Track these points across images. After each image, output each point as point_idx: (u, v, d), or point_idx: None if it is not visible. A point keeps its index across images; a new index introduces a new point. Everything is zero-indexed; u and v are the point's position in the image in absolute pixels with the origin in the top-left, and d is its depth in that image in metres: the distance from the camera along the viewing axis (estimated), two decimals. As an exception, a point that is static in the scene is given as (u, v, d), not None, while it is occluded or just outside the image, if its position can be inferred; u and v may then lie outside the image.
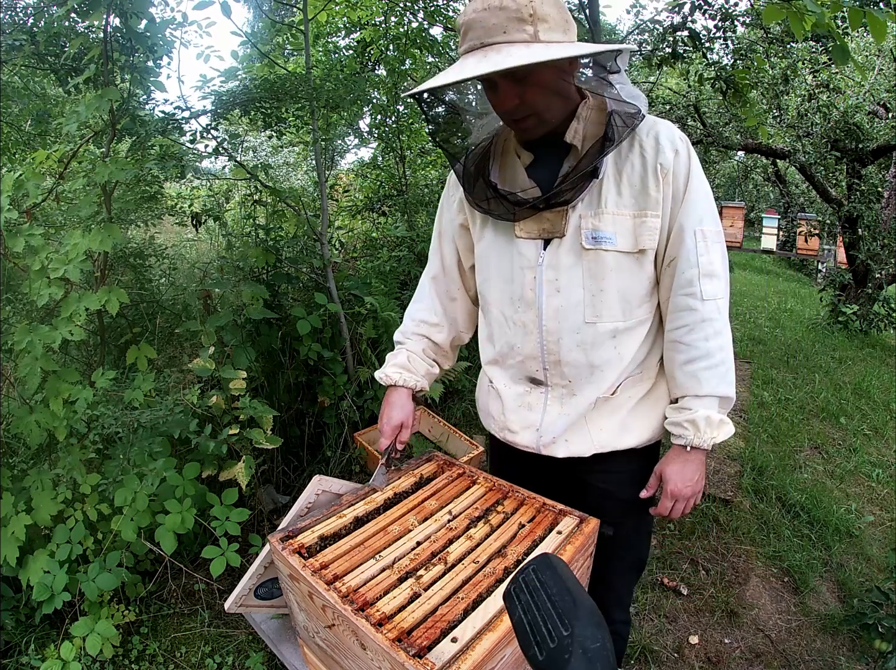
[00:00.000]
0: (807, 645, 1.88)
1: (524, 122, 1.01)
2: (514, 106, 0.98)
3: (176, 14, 1.93)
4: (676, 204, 1.04)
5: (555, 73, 0.97)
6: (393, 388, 1.27)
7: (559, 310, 1.09)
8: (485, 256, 1.18)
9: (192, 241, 3.57)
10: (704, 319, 1.05)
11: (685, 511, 1.13)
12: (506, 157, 1.13)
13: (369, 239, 3.78)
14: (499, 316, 1.18)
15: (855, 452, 3.12)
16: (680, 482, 1.09)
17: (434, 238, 1.31)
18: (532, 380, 1.18)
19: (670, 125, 1.05)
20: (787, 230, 10.00)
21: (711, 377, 1.06)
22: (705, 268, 1.04)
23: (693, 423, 1.07)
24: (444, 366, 1.37)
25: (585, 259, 1.05)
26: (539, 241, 1.08)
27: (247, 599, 1.23)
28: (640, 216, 1.04)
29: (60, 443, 1.66)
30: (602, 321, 1.08)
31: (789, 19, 1.67)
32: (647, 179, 1.02)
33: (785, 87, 4.69)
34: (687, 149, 1.04)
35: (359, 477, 2.51)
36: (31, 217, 1.77)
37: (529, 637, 0.49)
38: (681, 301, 1.06)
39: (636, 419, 1.15)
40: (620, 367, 1.11)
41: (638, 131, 1.03)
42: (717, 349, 1.06)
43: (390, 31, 3.50)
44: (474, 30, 0.93)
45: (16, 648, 1.69)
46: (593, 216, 1.04)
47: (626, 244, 1.04)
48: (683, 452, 1.09)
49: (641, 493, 1.16)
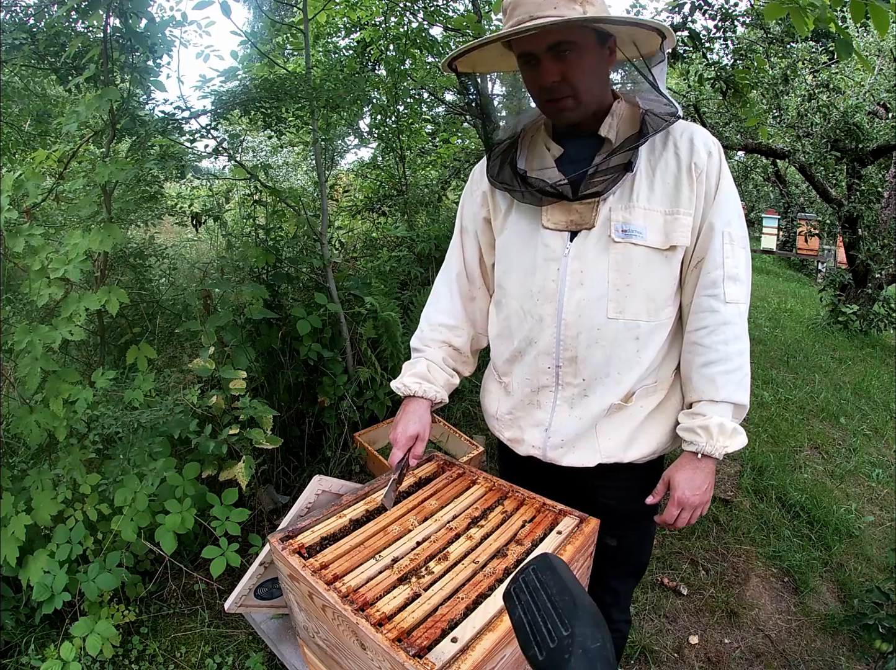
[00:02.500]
0: (807, 645, 1.88)
1: (562, 103, 1.00)
2: (554, 83, 0.97)
3: (175, 13, 1.93)
4: (708, 204, 1.03)
5: (597, 56, 0.98)
6: (411, 399, 1.21)
7: (580, 303, 1.06)
8: (507, 247, 1.16)
9: (192, 241, 3.57)
10: (726, 322, 1.04)
11: (691, 520, 1.09)
12: (533, 150, 1.12)
13: (369, 239, 3.78)
14: (518, 309, 1.14)
15: (855, 452, 3.12)
16: (688, 490, 1.06)
17: (455, 235, 1.28)
18: (542, 378, 1.14)
19: (703, 129, 1.06)
20: (787, 230, 9.99)
21: (728, 382, 1.04)
22: (730, 270, 1.03)
23: (706, 430, 1.04)
24: (465, 374, 1.32)
25: (613, 252, 1.03)
26: (566, 233, 1.07)
27: (247, 599, 1.23)
28: (671, 214, 1.03)
29: (60, 443, 1.66)
30: (625, 317, 1.05)
31: (791, 16, 1.66)
32: (681, 178, 1.02)
33: (785, 87, 4.68)
34: (719, 152, 1.04)
35: (359, 477, 2.51)
36: (31, 217, 1.77)
37: (529, 637, 0.49)
38: (704, 302, 1.05)
39: (644, 431, 1.13)
40: (638, 372, 1.09)
41: (672, 131, 1.03)
42: (736, 354, 1.04)
43: (390, 31, 3.50)
44: (524, 5, 0.93)
45: (16, 648, 1.69)
46: (624, 209, 1.03)
47: (656, 240, 1.03)
48: (694, 459, 1.06)
49: (647, 499, 1.13)
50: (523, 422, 1.19)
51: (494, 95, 1.21)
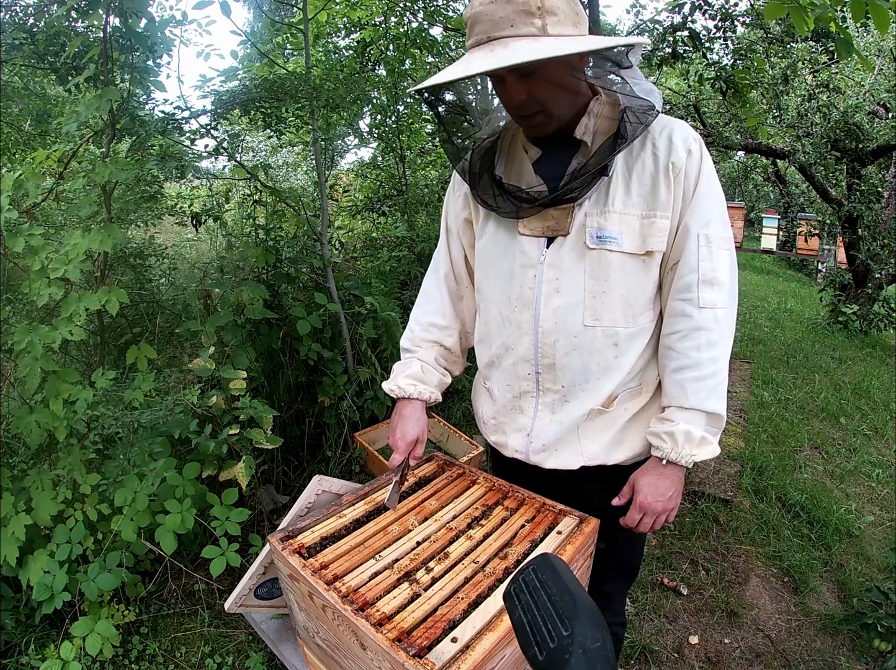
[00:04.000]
0: (807, 645, 1.88)
1: (532, 119, 0.98)
2: (521, 101, 0.95)
3: (175, 13, 1.93)
4: (685, 204, 1.00)
5: (564, 68, 0.94)
6: (406, 401, 1.20)
7: (557, 310, 1.05)
8: (485, 253, 1.15)
9: (192, 241, 3.57)
10: (699, 328, 1.00)
11: (654, 526, 1.07)
12: (513, 152, 1.11)
13: (369, 239, 3.78)
14: (497, 315, 1.14)
15: (855, 452, 3.12)
16: (651, 495, 1.04)
17: (441, 235, 1.27)
18: (523, 384, 1.13)
19: (685, 125, 1.02)
20: (787, 230, 9.99)
21: (699, 389, 1.01)
22: (706, 274, 1.00)
23: (671, 436, 1.02)
24: (455, 373, 1.32)
25: (588, 259, 1.01)
26: (542, 239, 1.05)
27: (247, 599, 1.23)
28: (648, 217, 1.00)
29: (60, 443, 1.66)
30: (602, 325, 1.04)
31: (791, 15, 1.66)
32: (658, 179, 0.99)
33: (785, 87, 4.68)
34: (700, 149, 1.00)
35: (359, 477, 2.51)
36: (31, 217, 1.77)
37: (529, 637, 0.49)
38: (677, 306, 1.03)
39: (628, 434, 1.11)
40: (618, 377, 1.07)
41: (651, 129, 1.00)
42: (709, 361, 1.01)
43: (390, 31, 3.50)
44: (481, 23, 0.90)
45: (16, 648, 1.69)
46: (599, 215, 1.00)
47: (632, 245, 1.00)
48: (659, 465, 1.04)
49: (613, 501, 1.10)
50: (507, 426, 1.19)
51: (471, 101, 1.18)
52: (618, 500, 1.10)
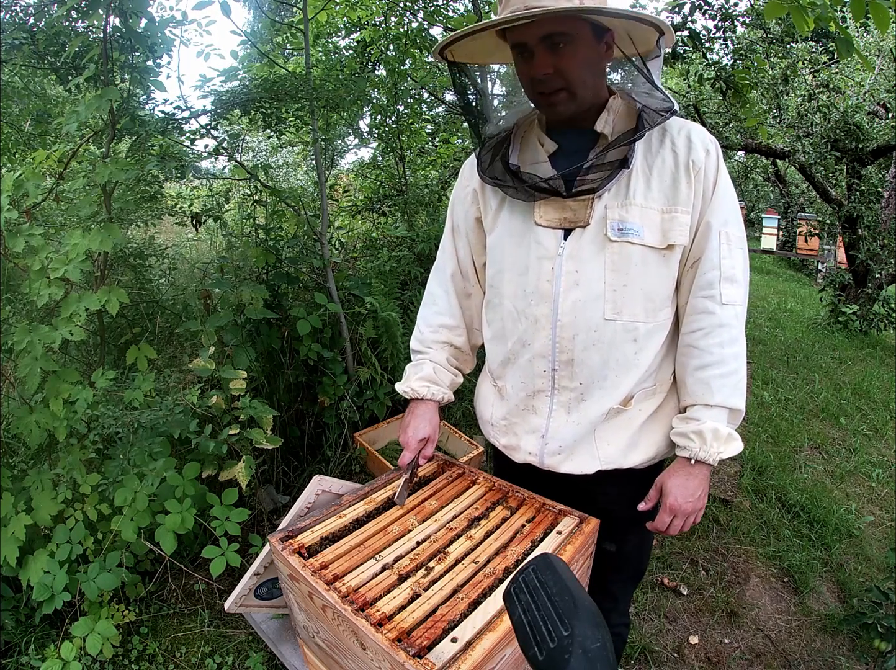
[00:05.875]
0: (807, 645, 1.88)
1: (554, 96, 0.97)
2: (547, 75, 0.94)
3: (175, 13, 1.93)
4: (705, 202, 1.01)
5: (592, 49, 0.95)
6: (419, 401, 1.21)
7: (577, 304, 1.03)
8: (498, 246, 1.12)
9: (192, 241, 3.57)
10: (722, 324, 1.01)
11: (684, 528, 1.06)
12: (526, 146, 1.10)
13: (369, 239, 3.78)
14: (512, 310, 1.11)
15: (855, 452, 3.12)
16: (681, 497, 1.03)
17: (447, 234, 1.25)
18: (538, 382, 1.11)
19: (701, 127, 1.04)
20: (787, 230, 9.99)
21: (723, 386, 1.01)
22: (727, 271, 1.01)
23: (700, 435, 1.01)
24: (466, 371, 1.31)
25: (609, 251, 1.00)
26: (559, 231, 1.03)
27: (247, 599, 1.23)
28: (669, 212, 1.00)
29: (60, 443, 1.66)
30: (622, 318, 1.02)
31: (791, 15, 1.66)
32: (679, 175, 0.99)
33: (785, 87, 4.68)
34: (717, 150, 1.02)
35: (359, 477, 2.51)
36: (31, 217, 1.77)
37: (529, 637, 0.49)
38: (699, 303, 1.03)
39: (644, 436, 1.10)
40: (636, 375, 1.06)
41: (669, 128, 1.01)
42: (732, 357, 1.02)
43: (390, 31, 3.50)
44: None
45: (16, 648, 1.69)
46: (620, 207, 1.00)
47: (653, 239, 1.00)
48: (687, 465, 1.04)
49: (640, 506, 1.10)
50: (519, 428, 1.17)
51: (487, 90, 1.18)
52: (644, 505, 1.09)
